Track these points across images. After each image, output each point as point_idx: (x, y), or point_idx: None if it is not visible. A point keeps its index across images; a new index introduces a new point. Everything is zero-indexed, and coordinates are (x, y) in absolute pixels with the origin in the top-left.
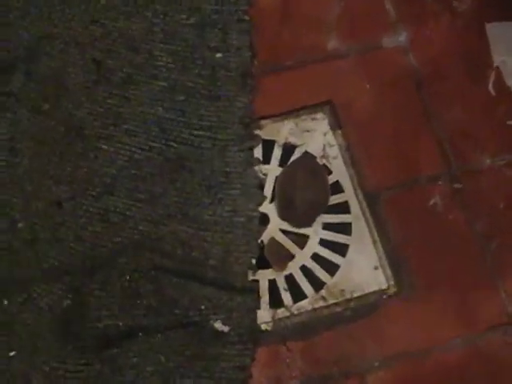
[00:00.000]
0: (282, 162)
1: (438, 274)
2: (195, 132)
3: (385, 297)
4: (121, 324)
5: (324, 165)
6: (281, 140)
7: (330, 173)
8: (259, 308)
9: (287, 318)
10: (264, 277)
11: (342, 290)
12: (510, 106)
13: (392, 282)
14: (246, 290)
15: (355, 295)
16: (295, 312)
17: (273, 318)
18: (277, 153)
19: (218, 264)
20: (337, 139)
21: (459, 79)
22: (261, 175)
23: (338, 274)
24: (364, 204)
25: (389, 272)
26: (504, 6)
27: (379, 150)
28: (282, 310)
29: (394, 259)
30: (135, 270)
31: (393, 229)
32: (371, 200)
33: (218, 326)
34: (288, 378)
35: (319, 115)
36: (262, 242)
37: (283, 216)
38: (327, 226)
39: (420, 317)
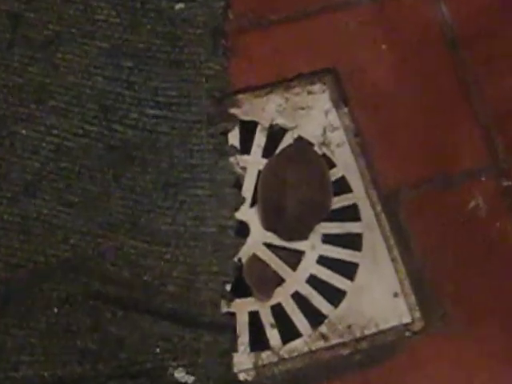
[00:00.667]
0: (267, 151)
1: (481, 301)
2: (148, 111)
3: (408, 334)
4: (46, 374)
5: (324, 155)
6: (265, 121)
7: (333, 166)
8: (236, 351)
9: (274, 364)
10: (243, 308)
11: (350, 326)
12: None
13: (417, 315)
14: (217, 327)
15: (367, 332)
16: (285, 356)
17: (255, 364)
18: (260, 139)
19: (179, 291)
20: (342, 120)
21: (508, 39)
22: (238, 169)
23: (343, 303)
24: (379, 208)
25: (413, 300)
26: None
27: (400, 134)
28: (268, 353)
29: (420, 283)
30: (66, 299)
31: (418, 242)
32: (389, 203)
33: (180, 375)
34: None
35: (318, 87)
36: (239, 260)
37: (269, 225)
38: (329, 239)
39: (456, 360)
